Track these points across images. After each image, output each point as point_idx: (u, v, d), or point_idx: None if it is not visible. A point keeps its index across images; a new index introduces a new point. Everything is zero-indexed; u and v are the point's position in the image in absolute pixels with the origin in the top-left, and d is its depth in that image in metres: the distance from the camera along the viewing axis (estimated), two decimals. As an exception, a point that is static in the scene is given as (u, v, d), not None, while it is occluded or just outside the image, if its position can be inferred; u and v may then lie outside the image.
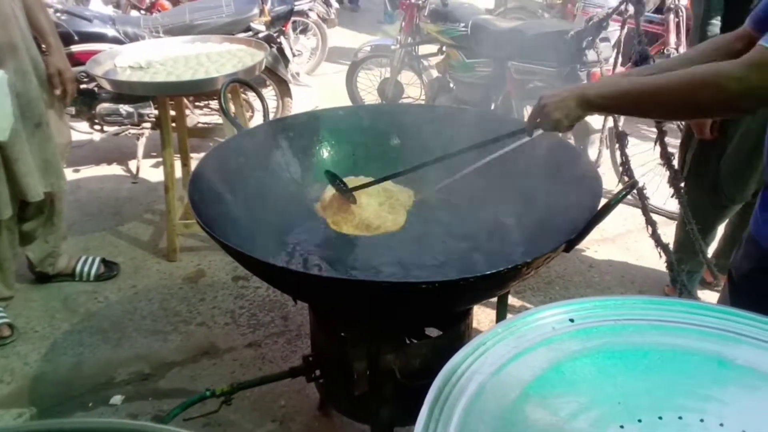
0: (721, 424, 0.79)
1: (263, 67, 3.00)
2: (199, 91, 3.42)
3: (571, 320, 0.96)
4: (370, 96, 4.93)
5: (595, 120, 3.44)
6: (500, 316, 1.79)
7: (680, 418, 0.80)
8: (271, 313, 2.70)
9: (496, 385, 0.85)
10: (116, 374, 2.37)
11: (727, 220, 2.72)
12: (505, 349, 0.91)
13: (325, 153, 2.01)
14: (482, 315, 2.52)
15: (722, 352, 0.88)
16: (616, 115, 3.72)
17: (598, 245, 3.24)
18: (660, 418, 0.80)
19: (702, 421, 0.79)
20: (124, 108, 3.80)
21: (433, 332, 1.79)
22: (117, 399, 2.24)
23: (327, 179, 1.72)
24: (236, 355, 2.46)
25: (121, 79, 2.84)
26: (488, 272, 1.16)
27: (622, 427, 0.79)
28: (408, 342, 1.69)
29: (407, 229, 1.71)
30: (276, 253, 1.72)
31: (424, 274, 1.62)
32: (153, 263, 3.10)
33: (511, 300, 2.75)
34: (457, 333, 1.66)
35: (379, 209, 1.72)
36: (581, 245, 3.19)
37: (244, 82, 2.32)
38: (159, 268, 3.06)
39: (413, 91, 4.78)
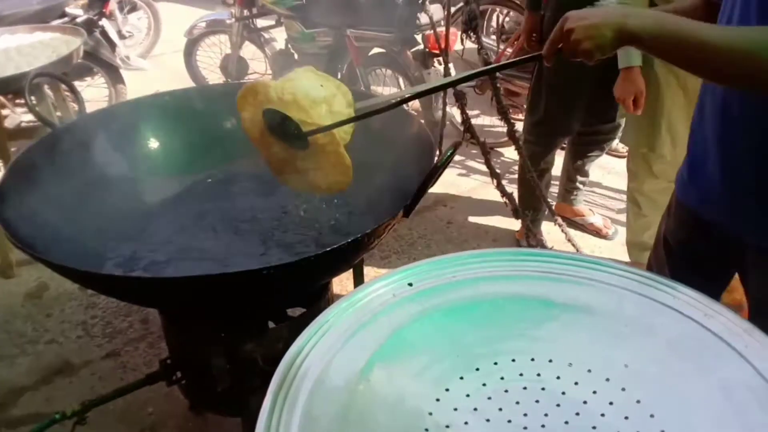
0: (551, 360, 0.84)
1: (81, 54, 2.76)
2: (8, 89, 3.07)
3: (410, 284, 0.98)
4: (213, 74, 4.69)
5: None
6: (357, 285, 1.79)
7: (513, 360, 0.84)
8: (128, 318, 2.54)
9: (340, 361, 0.84)
10: (-39, 410, 2.14)
11: None
12: (347, 323, 0.91)
13: (156, 144, 1.89)
14: (350, 284, 2.54)
15: (545, 294, 0.94)
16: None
17: (454, 201, 3.37)
18: (495, 363, 0.84)
19: (533, 360, 0.84)
20: (-69, 114, 3.37)
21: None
22: (-35, 437, 2.04)
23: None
24: (94, 368, 2.30)
25: None
26: (329, 249, 1.15)
27: (462, 378, 0.82)
28: (268, 327, 1.65)
29: (246, 207, 1.62)
30: (116, 259, 1.60)
31: (272, 258, 1.58)
32: (-13, 283, 2.80)
33: (379, 265, 2.80)
34: (318, 308, 1.64)
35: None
36: (438, 204, 3.33)
37: (50, 74, 2.10)
38: (-6, 288, 2.77)
39: (258, 65, 4.63)
